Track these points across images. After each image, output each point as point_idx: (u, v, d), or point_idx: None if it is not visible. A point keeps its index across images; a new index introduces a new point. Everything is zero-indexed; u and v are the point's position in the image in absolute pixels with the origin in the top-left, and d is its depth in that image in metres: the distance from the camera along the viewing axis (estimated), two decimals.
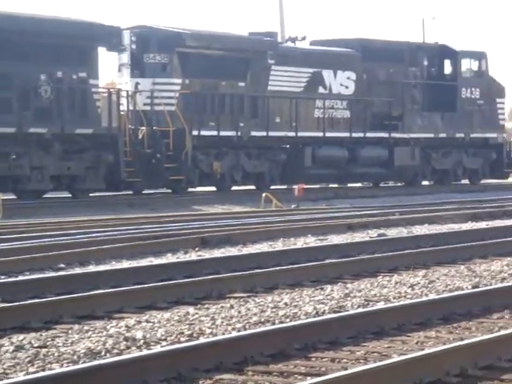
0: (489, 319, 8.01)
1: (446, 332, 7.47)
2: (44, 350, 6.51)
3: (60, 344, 6.92)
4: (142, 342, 6.86)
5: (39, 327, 7.83)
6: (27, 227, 18.61)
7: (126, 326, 7.73)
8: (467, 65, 34.81)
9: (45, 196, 26.89)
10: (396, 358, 5.75)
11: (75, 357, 6.22)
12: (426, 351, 5.92)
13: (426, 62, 34.59)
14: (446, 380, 5.40)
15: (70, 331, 7.56)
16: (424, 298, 9.09)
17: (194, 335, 7.25)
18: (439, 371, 5.46)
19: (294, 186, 27.51)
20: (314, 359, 6.27)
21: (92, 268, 11.89)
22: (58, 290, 9.58)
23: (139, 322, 7.90)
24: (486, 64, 35.41)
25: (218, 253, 13.87)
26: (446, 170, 35.15)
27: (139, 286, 9.71)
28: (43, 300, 8.99)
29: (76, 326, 7.77)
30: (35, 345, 6.89)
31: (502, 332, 6.78)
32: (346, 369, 5.66)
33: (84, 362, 5.96)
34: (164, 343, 6.82)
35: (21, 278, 11.48)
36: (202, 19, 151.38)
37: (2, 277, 11.76)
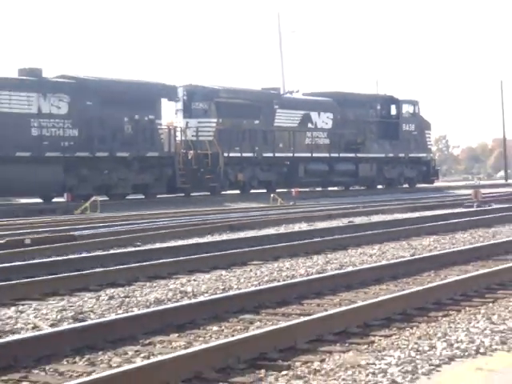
0: (421, 276, 7.94)
1: (393, 286, 7.35)
2: (127, 299, 6.71)
3: (137, 295, 7.01)
4: (191, 294, 6.94)
5: (124, 284, 7.84)
6: (116, 218, 18.22)
7: (181, 284, 7.68)
8: (406, 108, 34.04)
9: (127, 198, 25.99)
10: (360, 303, 5.81)
11: (147, 303, 6.51)
12: (380, 298, 5.96)
13: (379, 107, 33.87)
14: (392, 317, 5.45)
15: (144, 287, 7.55)
16: (378, 263, 8.98)
17: (226, 289, 7.25)
18: (388, 312, 5.55)
19: (292, 190, 26.90)
20: (305, 305, 6.28)
21: (158, 245, 11.65)
22: (137, 260, 9.45)
23: (189, 281, 7.80)
24: (418, 108, 34.29)
25: (241, 234, 13.32)
26: (393, 178, 34.17)
27: (189, 257, 9.55)
28: (126, 266, 8.90)
29: (148, 284, 7.76)
30: (121, 295, 7.02)
31: (429, 285, 6.72)
32: (326, 310, 5.74)
33: (153, 307, 6.21)
34: (206, 295, 6.85)
35: (112, 251, 11.15)
36: (225, 73, 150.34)
37: (99, 251, 11.36)
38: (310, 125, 31.30)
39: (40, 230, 14.28)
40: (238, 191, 29.56)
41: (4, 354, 4.07)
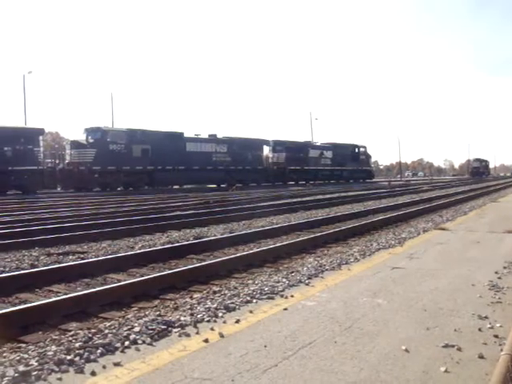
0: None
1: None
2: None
3: (209, 234, 14.22)
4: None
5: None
6: (243, 192, 29.99)
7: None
8: (361, 149, 64.84)
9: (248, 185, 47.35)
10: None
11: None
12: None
13: (352, 149, 64.08)
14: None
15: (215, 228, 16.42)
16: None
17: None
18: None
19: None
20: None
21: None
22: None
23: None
24: (366, 149, 66.18)
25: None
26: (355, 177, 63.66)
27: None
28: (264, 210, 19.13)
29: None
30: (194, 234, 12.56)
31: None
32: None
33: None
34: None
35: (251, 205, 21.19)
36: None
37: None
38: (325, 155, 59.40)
39: (215, 197, 25.75)
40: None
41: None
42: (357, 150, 63.94)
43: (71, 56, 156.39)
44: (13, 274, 7.16)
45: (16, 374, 3.48)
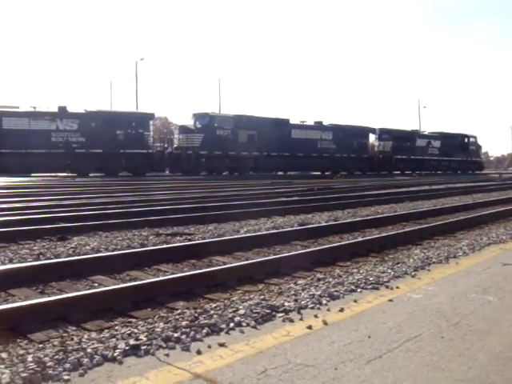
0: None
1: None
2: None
3: (314, 221, 15.88)
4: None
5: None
6: (346, 181, 30.26)
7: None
8: (470, 140, 63.81)
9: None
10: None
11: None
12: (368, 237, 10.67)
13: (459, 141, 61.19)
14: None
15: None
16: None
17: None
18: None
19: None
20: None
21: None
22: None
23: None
24: (476, 139, 63.43)
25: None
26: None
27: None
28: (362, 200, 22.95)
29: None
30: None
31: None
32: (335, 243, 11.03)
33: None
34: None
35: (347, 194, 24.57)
36: None
37: (343, 194, 21.94)
38: (432, 145, 58.21)
39: (320, 184, 25.43)
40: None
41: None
42: (466, 140, 61.12)
43: (181, 43, 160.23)
44: (124, 251, 7.47)
45: (127, 347, 3.63)
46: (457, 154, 59.28)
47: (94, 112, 36.63)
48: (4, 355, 3.56)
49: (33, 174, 31.77)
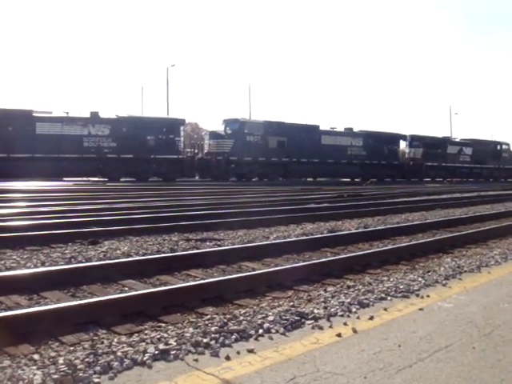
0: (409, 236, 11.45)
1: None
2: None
3: (343, 228, 19.13)
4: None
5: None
6: (379, 187, 33.41)
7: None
8: (503, 147, 61.31)
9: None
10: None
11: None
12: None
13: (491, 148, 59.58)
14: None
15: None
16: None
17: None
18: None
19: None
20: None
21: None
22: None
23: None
24: (509, 146, 62.55)
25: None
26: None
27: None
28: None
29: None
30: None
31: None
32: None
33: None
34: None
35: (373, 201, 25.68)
36: None
37: (372, 201, 20.65)
38: (464, 152, 57.69)
39: (350, 191, 25.40)
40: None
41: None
42: (498, 148, 60.00)
43: (211, 49, 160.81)
44: (154, 256, 7.50)
45: (156, 352, 3.65)
46: (489, 161, 58.25)
47: (125, 117, 37.02)
48: (36, 357, 3.62)
49: (65, 179, 32.24)
